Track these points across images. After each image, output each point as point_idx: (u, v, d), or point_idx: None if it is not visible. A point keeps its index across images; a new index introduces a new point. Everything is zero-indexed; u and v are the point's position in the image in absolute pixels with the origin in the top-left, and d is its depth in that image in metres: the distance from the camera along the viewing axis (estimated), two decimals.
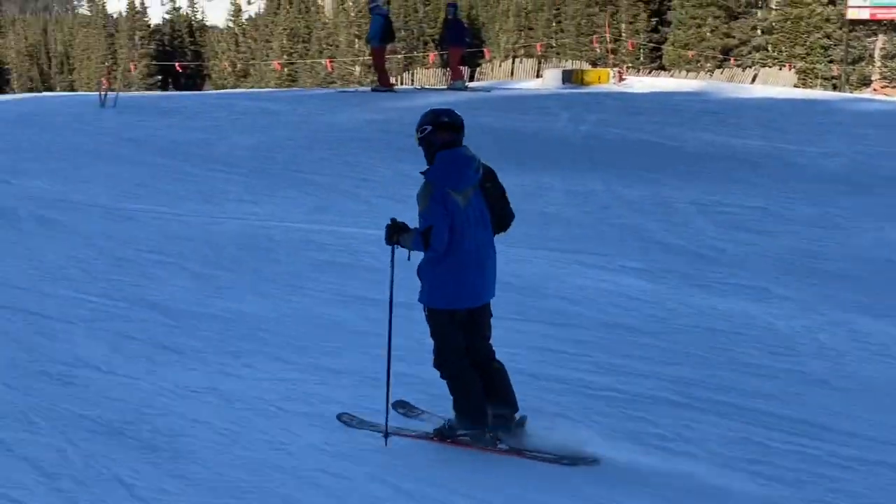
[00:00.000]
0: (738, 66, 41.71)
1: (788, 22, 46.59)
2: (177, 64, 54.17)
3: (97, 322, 7.03)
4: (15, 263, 8.29)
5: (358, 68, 50.08)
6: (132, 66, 56.61)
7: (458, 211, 4.73)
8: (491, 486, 4.50)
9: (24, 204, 10.20)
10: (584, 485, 4.51)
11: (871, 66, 44.80)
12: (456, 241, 4.75)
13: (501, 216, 5.07)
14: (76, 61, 76.08)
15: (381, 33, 19.39)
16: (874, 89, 41.56)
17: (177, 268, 8.62)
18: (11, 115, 15.51)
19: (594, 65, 40.27)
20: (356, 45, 55.90)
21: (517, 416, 4.97)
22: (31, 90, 64.62)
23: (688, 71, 40.22)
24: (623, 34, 54.05)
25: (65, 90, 58.88)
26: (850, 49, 43.24)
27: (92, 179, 11.29)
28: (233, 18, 71.11)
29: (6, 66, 55.54)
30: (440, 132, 4.84)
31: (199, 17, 77.99)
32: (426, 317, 4.97)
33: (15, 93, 51.07)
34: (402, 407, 5.47)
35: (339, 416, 5.37)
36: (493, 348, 5.07)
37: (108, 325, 6.96)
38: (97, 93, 18.17)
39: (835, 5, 44.69)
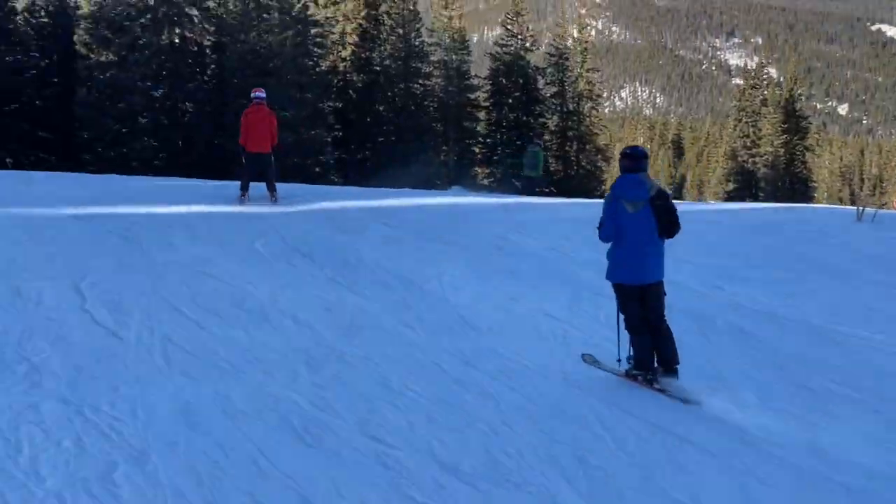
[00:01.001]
0: None
1: None
2: None
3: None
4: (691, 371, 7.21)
5: None
6: None
7: (625, 214, 6.79)
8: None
9: (725, 313, 9.19)
10: None
11: None
12: (623, 235, 6.83)
13: (667, 225, 6.81)
14: (888, 184, 74.65)
15: None
16: None
17: (865, 408, 6.70)
18: (756, 223, 14.83)
19: None
20: None
21: (675, 367, 6.87)
22: None
23: None
24: None
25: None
26: None
27: (810, 294, 9.78)
28: None
29: (813, 184, 56.88)
30: (624, 160, 6.92)
31: None
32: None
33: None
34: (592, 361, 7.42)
35: (582, 356, 7.44)
36: (663, 316, 6.97)
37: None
38: (856, 207, 16.57)
39: None
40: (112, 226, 10.95)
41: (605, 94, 48.08)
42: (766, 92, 54.17)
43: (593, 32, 46.37)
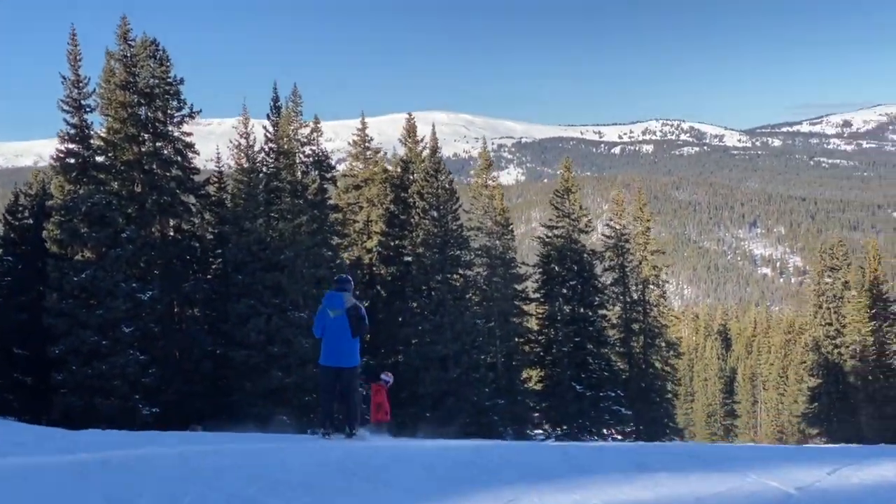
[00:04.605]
0: None
1: None
2: None
3: None
4: None
5: None
6: None
7: (328, 318, 10.48)
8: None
9: None
10: None
11: None
12: (326, 333, 10.48)
13: (356, 328, 10.43)
14: None
15: None
16: None
17: None
18: None
19: None
20: None
21: (351, 430, 10.47)
22: None
23: None
24: None
25: None
26: None
27: None
28: None
29: None
30: (333, 284, 10.96)
31: None
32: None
33: None
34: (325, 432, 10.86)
35: (310, 431, 11.58)
36: (352, 392, 10.57)
37: None
38: None
39: None
40: None
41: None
42: (847, 274, 46.49)
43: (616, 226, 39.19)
